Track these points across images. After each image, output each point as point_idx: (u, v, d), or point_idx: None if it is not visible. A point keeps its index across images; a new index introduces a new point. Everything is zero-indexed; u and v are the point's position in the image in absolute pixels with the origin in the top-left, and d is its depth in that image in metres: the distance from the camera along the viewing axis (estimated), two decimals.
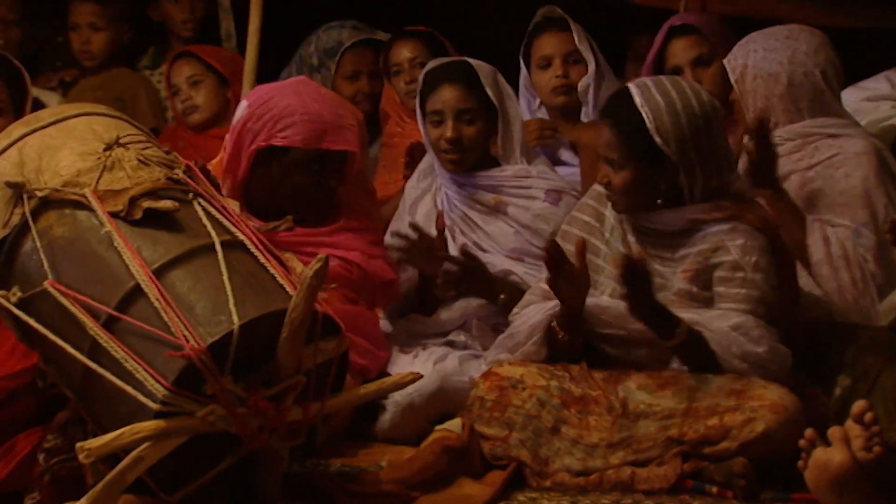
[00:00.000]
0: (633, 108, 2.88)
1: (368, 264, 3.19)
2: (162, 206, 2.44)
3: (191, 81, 4.22)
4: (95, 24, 4.57)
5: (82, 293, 2.36)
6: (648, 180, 2.90)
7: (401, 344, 3.31)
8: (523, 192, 3.43)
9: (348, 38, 4.37)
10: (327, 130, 3.12)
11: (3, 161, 2.53)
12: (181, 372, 2.25)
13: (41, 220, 2.46)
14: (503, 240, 3.42)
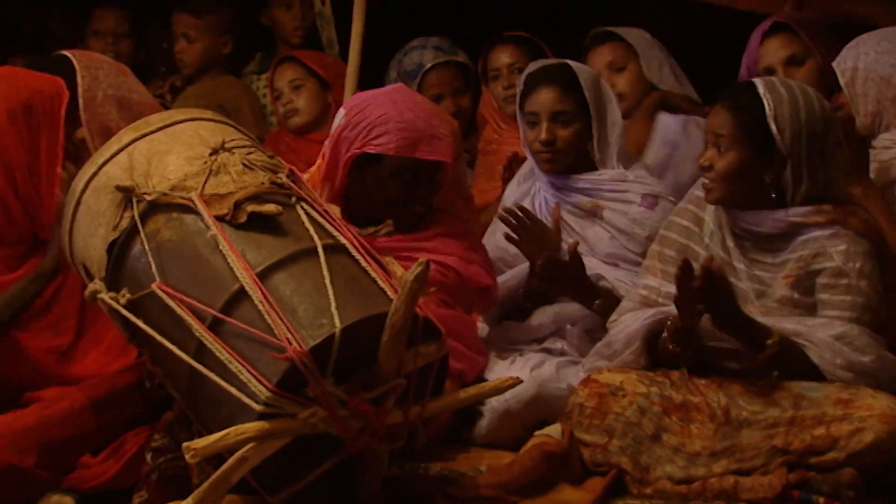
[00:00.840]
0: (754, 94, 2.87)
1: (465, 269, 3.20)
2: (266, 209, 2.47)
3: (293, 85, 4.28)
4: (189, 35, 4.66)
5: (188, 295, 2.40)
6: (752, 169, 2.87)
7: (497, 350, 3.31)
8: (620, 197, 3.41)
9: (429, 60, 4.37)
10: (421, 139, 3.13)
11: (113, 166, 2.58)
12: (284, 374, 2.28)
13: (149, 223, 2.50)
14: (599, 244, 3.40)
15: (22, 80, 2.90)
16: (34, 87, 2.87)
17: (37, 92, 2.86)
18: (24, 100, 2.85)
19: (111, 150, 2.61)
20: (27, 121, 2.85)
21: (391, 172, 3.13)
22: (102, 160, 2.60)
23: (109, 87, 3.28)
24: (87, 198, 2.61)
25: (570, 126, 3.38)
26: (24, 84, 2.88)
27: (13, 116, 2.84)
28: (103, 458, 2.76)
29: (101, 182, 2.59)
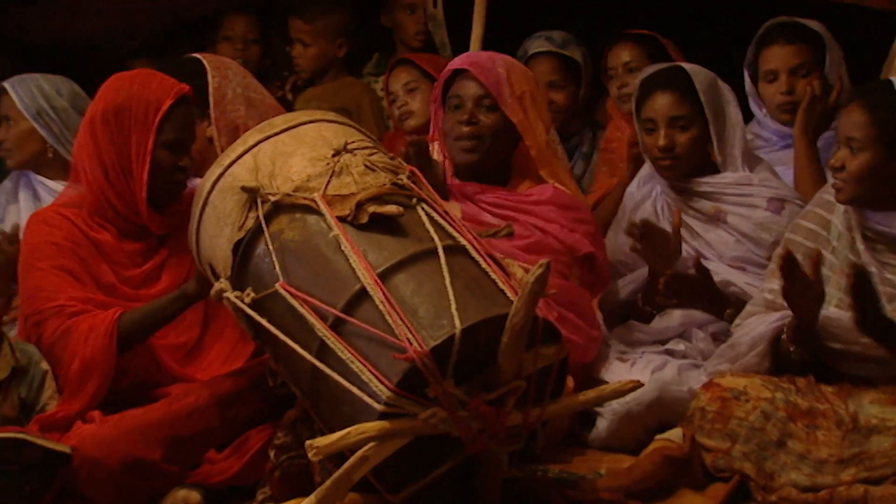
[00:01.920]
0: (890, 93, 2.82)
1: (566, 236, 3.19)
2: (387, 210, 2.49)
3: (407, 88, 4.29)
4: (304, 40, 4.71)
5: (311, 295, 2.42)
6: (886, 170, 2.79)
7: (618, 351, 3.28)
8: (744, 201, 3.34)
9: (532, 48, 4.33)
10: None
11: (239, 167, 2.63)
12: (404, 374, 2.29)
13: (273, 223, 2.54)
14: (724, 248, 3.34)
15: (126, 84, 2.98)
16: (132, 93, 2.95)
17: (133, 97, 2.94)
18: (118, 103, 2.94)
19: (237, 151, 2.66)
20: (118, 123, 2.94)
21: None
22: (228, 161, 2.65)
23: (238, 86, 3.37)
24: (213, 198, 2.66)
25: (688, 130, 3.33)
26: (125, 88, 2.97)
27: (106, 118, 2.95)
28: (227, 454, 2.81)
29: (227, 183, 2.64)
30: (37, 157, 3.76)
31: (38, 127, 3.72)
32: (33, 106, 3.72)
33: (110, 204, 2.97)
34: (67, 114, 3.75)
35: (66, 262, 2.92)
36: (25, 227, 3.04)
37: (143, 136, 2.92)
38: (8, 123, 3.76)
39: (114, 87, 2.99)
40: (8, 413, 2.82)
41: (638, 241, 3.18)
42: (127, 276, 2.98)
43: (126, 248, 2.98)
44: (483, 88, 3.22)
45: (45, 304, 2.87)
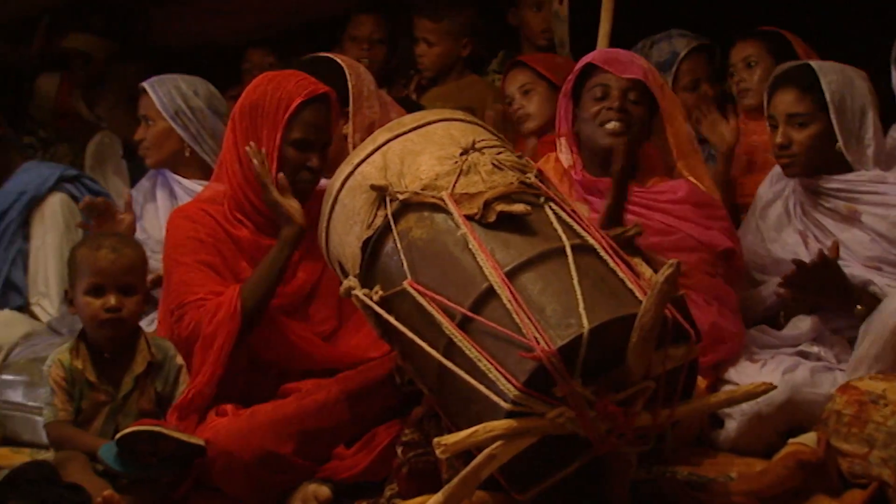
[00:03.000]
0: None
1: (702, 234, 3.19)
2: (515, 209, 2.48)
3: (522, 90, 4.27)
4: (428, 39, 4.73)
5: (438, 293, 2.43)
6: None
7: (748, 352, 3.22)
8: (879, 200, 3.26)
9: (682, 47, 4.30)
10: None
11: (368, 165, 2.66)
12: (532, 373, 2.28)
13: (402, 221, 2.55)
14: (858, 248, 3.26)
15: (265, 81, 3.05)
16: (268, 89, 3.01)
17: (268, 94, 3.00)
18: (254, 99, 3.01)
19: (366, 150, 2.68)
20: (252, 118, 3.01)
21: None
22: (358, 160, 2.68)
23: (371, 83, 3.41)
24: (342, 196, 2.69)
25: (807, 128, 3.26)
26: (263, 85, 3.04)
27: (243, 113, 3.03)
28: (356, 450, 2.84)
29: (356, 181, 2.66)
30: (174, 156, 3.85)
31: (176, 127, 3.81)
32: (171, 106, 3.81)
33: (247, 198, 3.03)
34: (203, 114, 3.84)
35: (208, 257, 2.99)
36: (168, 222, 3.12)
37: (272, 132, 2.98)
38: (147, 123, 3.86)
39: (255, 84, 3.07)
40: (145, 407, 2.90)
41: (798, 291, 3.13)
42: None
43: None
44: (628, 81, 3.26)
45: (187, 298, 2.95)
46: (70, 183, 4.10)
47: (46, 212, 4.02)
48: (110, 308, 2.86)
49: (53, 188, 4.04)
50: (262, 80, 3.07)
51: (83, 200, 3.63)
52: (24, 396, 3.47)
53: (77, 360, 2.88)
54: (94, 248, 2.90)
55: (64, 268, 3.82)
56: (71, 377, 2.87)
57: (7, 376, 3.56)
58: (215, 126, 3.84)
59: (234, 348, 2.90)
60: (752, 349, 3.23)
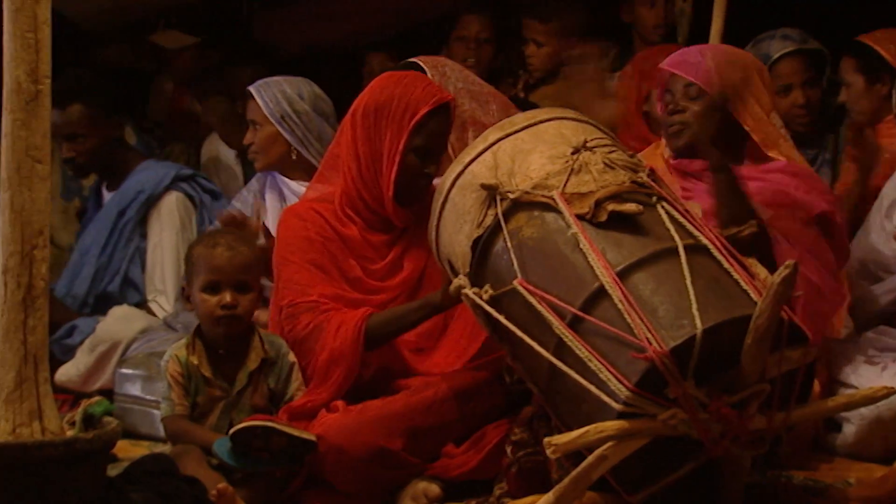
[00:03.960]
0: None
1: (799, 195, 3.12)
2: (626, 208, 2.46)
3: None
4: (538, 40, 4.71)
5: (549, 292, 2.42)
6: None
7: (867, 355, 3.15)
8: None
9: (777, 50, 4.20)
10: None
11: (479, 164, 2.66)
12: (644, 374, 2.26)
13: (512, 220, 2.55)
14: None
15: (391, 83, 3.05)
16: (395, 93, 3.01)
17: (395, 97, 3.00)
18: (380, 101, 3.01)
19: (477, 149, 2.69)
20: (376, 120, 3.01)
21: None
22: (469, 159, 2.69)
23: (458, 81, 3.42)
24: (453, 195, 2.70)
25: None
26: (389, 87, 3.03)
27: (366, 112, 3.03)
28: (465, 448, 2.84)
29: (466, 180, 2.67)
30: (282, 159, 3.89)
31: (282, 131, 3.86)
32: (277, 111, 3.86)
33: (360, 195, 3.06)
34: (309, 117, 3.88)
35: (317, 256, 3.03)
36: (279, 221, 3.16)
37: (396, 137, 2.99)
38: (255, 127, 3.91)
39: (381, 84, 3.07)
40: (258, 403, 2.95)
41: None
42: (372, 270, 3.07)
43: (371, 239, 3.06)
44: (688, 80, 3.21)
45: (299, 298, 2.99)
46: (185, 182, 4.19)
47: (163, 210, 4.11)
48: (226, 305, 2.91)
49: (169, 187, 4.13)
50: (387, 82, 3.06)
51: (223, 214, 3.68)
52: (142, 390, 3.57)
53: (193, 356, 2.94)
54: (210, 246, 2.96)
55: (179, 265, 3.92)
56: (187, 372, 2.93)
57: (125, 370, 3.66)
58: (321, 128, 3.88)
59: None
60: (870, 352, 3.15)
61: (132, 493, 2.35)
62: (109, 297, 4.07)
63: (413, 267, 3.09)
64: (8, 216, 2.24)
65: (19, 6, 2.22)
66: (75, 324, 3.91)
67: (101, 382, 3.76)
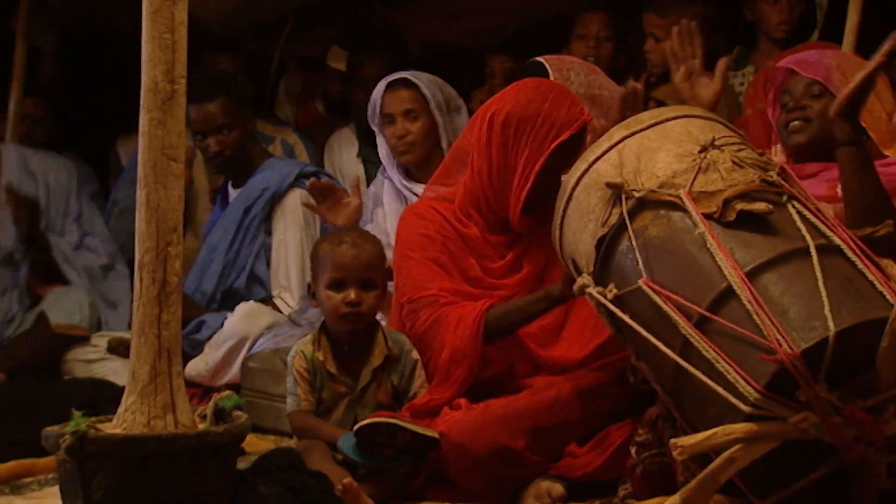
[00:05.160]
0: None
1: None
2: (755, 208, 2.42)
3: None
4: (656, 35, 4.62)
5: (674, 292, 2.39)
6: None
7: None
8: None
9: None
10: None
11: (603, 163, 2.64)
12: (773, 376, 2.22)
13: (637, 219, 2.52)
14: None
15: (539, 97, 3.00)
16: (541, 109, 2.97)
17: (541, 114, 2.97)
18: (524, 114, 2.98)
19: (602, 147, 2.67)
20: (517, 132, 2.99)
21: None
22: (593, 157, 2.67)
23: (580, 85, 3.38)
24: (577, 194, 2.68)
25: None
26: (537, 101, 2.99)
27: (507, 122, 3.00)
28: (589, 448, 2.83)
29: (591, 179, 2.65)
30: (428, 155, 3.91)
31: (441, 122, 3.87)
32: (436, 102, 3.88)
33: (485, 197, 3.06)
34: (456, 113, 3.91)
35: (437, 253, 3.04)
36: (400, 219, 3.19)
37: (535, 155, 2.97)
38: (412, 118, 3.93)
39: (526, 95, 3.02)
40: (382, 399, 2.98)
41: None
42: (491, 269, 3.08)
43: (491, 240, 3.07)
44: (810, 78, 3.17)
45: (418, 294, 3.01)
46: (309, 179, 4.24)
47: (287, 207, 4.18)
48: (350, 302, 2.95)
49: (293, 184, 4.19)
50: (534, 95, 3.00)
51: (308, 182, 3.73)
52: (268, 385, 3.63)
53: (319, 352, 2.98)
54: (335, 244, 3.00)
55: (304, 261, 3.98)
56: (313, 368, 2.97)
57: (252, 365, 3.73)
58: (457, 125, 3.90)
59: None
60: None
61: (261, 486, 2.39)
62: (236, 293, 4.15)
63: (532, 267, 3.08)
64: (144, 213, 2.30)
65: (157, 8, 2.28)
66: (203, 319, 4.00)
67: (228, 377, 3.85)
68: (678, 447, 2.23)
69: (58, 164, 4.53)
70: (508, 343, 3.01)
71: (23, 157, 4.44)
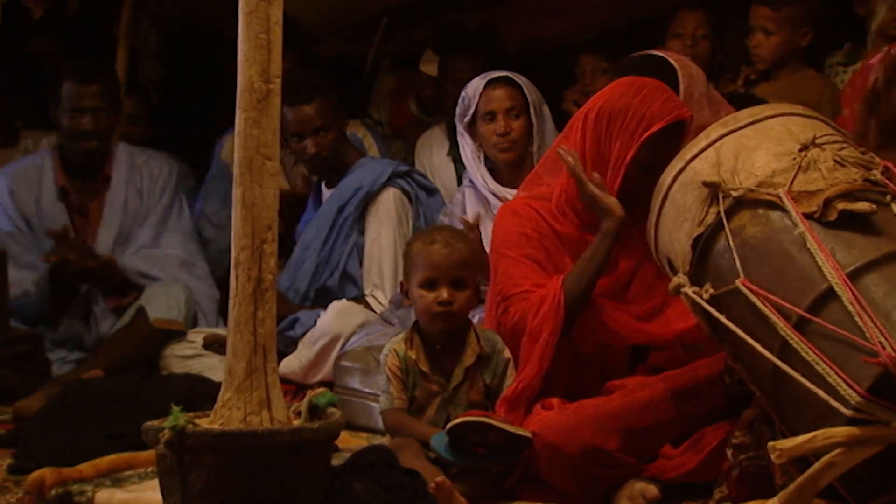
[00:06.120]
0: None
1: None
2: (858, 207, 2.37)
3: None
4: (767, 28, 4.56)
5: (773, 293, 2.36)
6: None
7: None
8: None
9: None
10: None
11: (700, 161, 2.61)
12: (876, 379, 2.18)
13: (734, 219, 2.49)
14: None
15: (631, 91, 2.99)
16: (632, 102, 2.95)
17: (631, 106, 2.95)
18: (616, 107, 2.97)
19: (699, 145, 2.64)
20: (608, 126, 2.97)
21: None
22: (690, 156, 2.64)
23: (701, 84, 3.34)
24: (673, 192, 2.66)
25: None
26: (628, 95, 2.97)
27: (600, 116, 2.99)
28: (683, 449, 2.79)
29: (687, 177, 2.62)
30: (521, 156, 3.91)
31: (537, 123, 3.87)
32: (536, 102, 3.88)
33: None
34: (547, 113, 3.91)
35: (533, 252, 3.03)
36: (496, 217, 3.19)
37: (625, 147, 2.95)
38: (513, 117, 3.92)
39: (620, 89, 3.02)
40: (474, 398, 2.97)
41: None
42: None
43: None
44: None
45: (512, 290, 3.01)
46: (402, 178, 4.27)
47: (380, 206, 4.21)
48: (443, 301, 2.95)
49: (387, 184, 4.22)
50: (627, 89, 3.00)
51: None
52: (361, 383, 3.66)
53: (411, 351, 2.99)
54: (428, 243, 3.00)
55: (396, 261, 4.00)
56: (405, 367, 2.98)
57: (345, 363, 3.76)
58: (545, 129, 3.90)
59: (559, 340, 2.92)
60: None
61: (355, 483, 2.40)
62: (329, 291, 4.19)
63: (626, 265, 3.06)
64: (239, 212, 2.33)
65: (253, 8, 2.30)
66: (297, 317, 4.05)
67: (321, 375, 3.88)
68: (777, 450, 2.20)
69: (160, 161, 4.62)
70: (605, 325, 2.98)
71: (131, 156, 4.54)
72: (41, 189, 4.44)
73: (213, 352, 4.10)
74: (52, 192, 4.44)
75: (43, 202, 4.43)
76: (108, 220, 4.44)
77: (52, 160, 4.47)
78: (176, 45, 5.39)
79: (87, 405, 3.36)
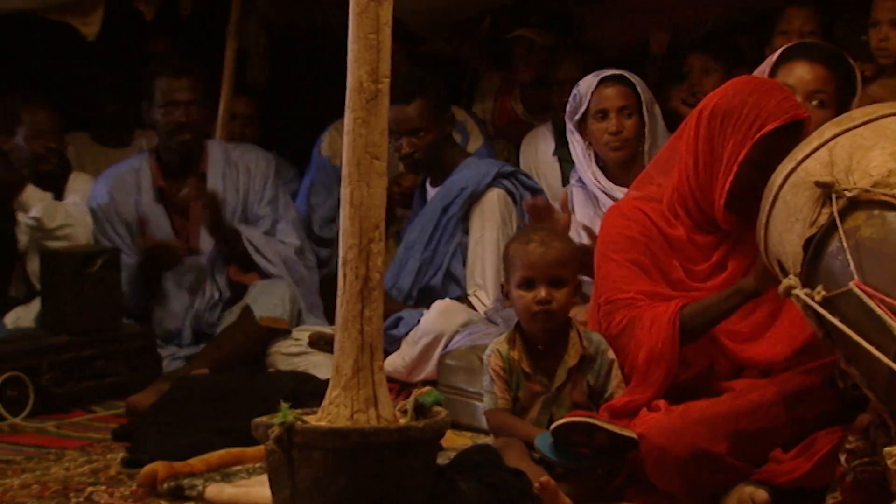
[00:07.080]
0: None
1: None
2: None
3: None
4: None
5: (889, 295, 2.31)
6: None
7: None
8: None
9: None
10: None
11: (812, 161, 2.56)
12: None
13: (848, 220, 2.44)
14: None
15: (747, 89, 2.93)
16: (748, 100, 2.89)
17: (746, 104, 2.88)
18: (731, 105, 2.91)
19: (811, 145, 2.59)
20: (722, 124, 2.91)
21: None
22: (802, 156, 2.59)
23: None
24: (784, 193, 2.61)
25: None
26: (744, 93, 2.91)
27: (714, 114, 2.94)
28: (794, 454, 2.75)
29: (799, 178, 2.58)
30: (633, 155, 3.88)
31: (649, 122, 3.84)
32: (648, 101, 3.85)
33: (692, 194, 2.99)
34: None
35: (639, 256, 3.00)
36: (604, 217, 3.17)
37: (738, 146, 2.89)
38: (626, 115, 3.90)
39: (736, 87, 2.97)
40: (578, 399, 2.96)
41: None
42: (695, 271, 3.01)
43: (698, 240, 3.01)
44: None
45: (616, 295, 2.98)
46: (506, 179, 4.26)
47: (485, 207, 4.21)
48: (541, 300, 2.94)
49: (491, 184, 4.22)
50: (744, 87, 2.95)
51: (525, 201, 3.73)
52: (464, 382, 3.66)
53: (514, 351, 2.99)
54: (524, 243, 3.00)
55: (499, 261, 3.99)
56: (509, 367, 2.98)
57: (449, 362, 3.76)
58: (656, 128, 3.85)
59: None
60: None
61: (460, 481, 2.41)
62: (432, 290, 4.21)
63: (736, 267, 3.01)
64: (348, 210, 2.35)
65: (363, 8, 2.32)
66: (401, 315, 4.07)
67: (424, 374, 3.89)
68: (892, 456, 2.16)
69: (256, 154, 4.67)
70: (706, 343, 2.95)
71: (225, 151, 4.60)
72: (140, 192, 4.52)
73: (318, 349, 4.14)
74: (150, 193, 4.52)
75: (142, 205, 4.50)
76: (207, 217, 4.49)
77: (150, 162, 4.54)
78: (282, 46, 5.46)
79: (198, 401, 3.42)
